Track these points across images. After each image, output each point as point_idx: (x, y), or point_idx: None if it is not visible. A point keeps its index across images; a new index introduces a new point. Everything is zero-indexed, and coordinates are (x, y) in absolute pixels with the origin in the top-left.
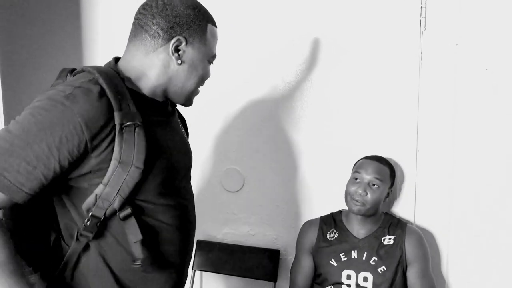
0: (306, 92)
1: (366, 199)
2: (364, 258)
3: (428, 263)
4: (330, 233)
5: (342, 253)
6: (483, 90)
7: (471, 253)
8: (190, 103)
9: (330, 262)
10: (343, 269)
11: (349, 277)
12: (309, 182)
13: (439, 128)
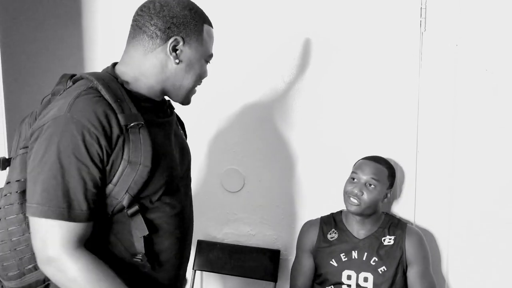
0: (307, 92)
1: (362, 199)
2: (364, 258)
3: (428, 263)
4: (331, 233)
5: (343, 253)
6: (483, 90)
7: (471, 253)
8: (188, 102)
9: (331, 262)
10: (344, 269)
11: (349, 277)
12: (309, 182)
13: (439, 129)
